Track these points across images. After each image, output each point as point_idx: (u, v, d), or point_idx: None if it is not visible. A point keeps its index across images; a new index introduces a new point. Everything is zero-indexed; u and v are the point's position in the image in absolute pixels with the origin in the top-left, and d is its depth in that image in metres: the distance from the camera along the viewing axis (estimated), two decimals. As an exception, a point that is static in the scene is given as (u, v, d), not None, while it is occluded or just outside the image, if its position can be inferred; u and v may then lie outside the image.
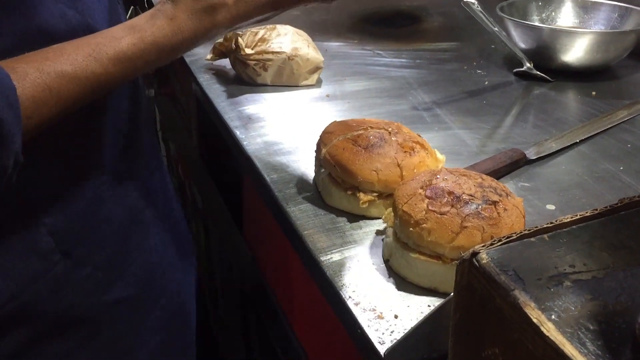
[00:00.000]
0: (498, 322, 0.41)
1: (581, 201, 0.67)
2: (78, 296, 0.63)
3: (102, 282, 0.64)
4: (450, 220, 0.53)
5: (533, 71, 0.98)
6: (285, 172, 0.72)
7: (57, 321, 0.62)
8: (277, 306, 0.78)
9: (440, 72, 1.02)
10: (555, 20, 1.09)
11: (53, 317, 0.62)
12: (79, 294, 0.63)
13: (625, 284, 0.40)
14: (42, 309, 0.61)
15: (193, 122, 1.10)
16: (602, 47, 0.96)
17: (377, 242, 0.61)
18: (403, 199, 0.56)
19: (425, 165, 0.64)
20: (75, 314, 0.63)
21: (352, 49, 1.12)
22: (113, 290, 0.65)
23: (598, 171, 0.73)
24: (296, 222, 0.64)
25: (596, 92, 0.94)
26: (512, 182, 0.71)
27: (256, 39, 0.92)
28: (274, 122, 0.84)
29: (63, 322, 0.62)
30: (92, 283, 0.63)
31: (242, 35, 0.92)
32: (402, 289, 0.55)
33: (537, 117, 0.88)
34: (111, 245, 0.65)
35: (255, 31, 0.93)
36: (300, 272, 0.65)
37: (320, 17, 1.28)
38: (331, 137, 0.66)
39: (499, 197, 0.55)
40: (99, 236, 0.63)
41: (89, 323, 0.64)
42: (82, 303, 0.63)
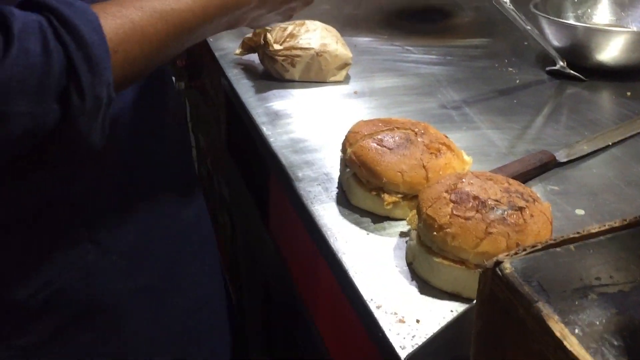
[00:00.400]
0: (520, 333, 0.40)
1: (611, 206, 0.66)
2: (105, 283, 0.64)
3: (125, 270, 0.66)
4: (474, 226, 0.52)
5: (566, 70, 0.96)
6: (310, 170, 0.72)
7: (85, 308, 0.64)
8: (300, 302, 0.78)
9: (471, 70, 1.00)
10: (591, 17, 1.07)
11: (82, 304, 0.63)
12: (106, 282, 0.64)
13: (653, 299, 0.39)
14: (72, 296, 0.63)
15: (222, 116, 1.11)
16: (638, 46, 0.93)
17: (400, 244, 0.61)
18: (427, 202, 0.55)
19: (451, 167, 0.64)
20: (102, 301, 0.65)
21: (382, 44, 1.11)
22: (135, 278, 0.67)
23: (630, 175, 0.71)
24: (320, 222, 0.64)
25: (631, 93, 0.92)
26: (540, 185, 0.70)
27: (285, 35, 0.92)
28: (301, 118, 0.84)
29: (91, 310, 0.64)
30: (117, 270, 0.65)
31: (271, 30, 0.92)
32: (425, 293, 0.54)
33: (569, 117, 0.86)
34: (134, 233, 0.66)
35: (284, 27, 0.93)
36: (323, 270, 0.65)
37: (350, 12, 1.27)
38: (357, 136, 0.66)
39: (526, 202, 0.54)
40: (123, 225, 0.65)
41: (115, 310, 0.66)
42: (108, 290, 0.65)
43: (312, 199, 0.67)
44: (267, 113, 0.85)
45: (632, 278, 0.41)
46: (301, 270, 0.79)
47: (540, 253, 0.43)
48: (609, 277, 0.41)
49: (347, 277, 0.56)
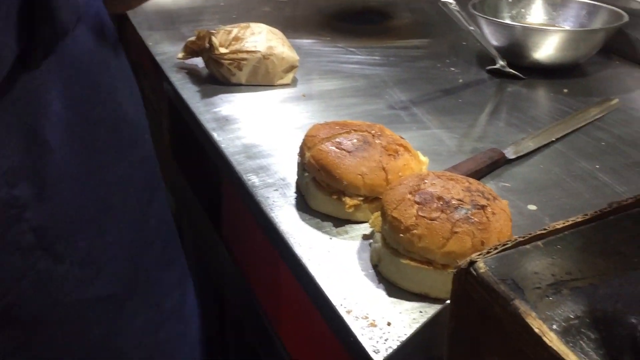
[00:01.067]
0: (497, 332, 0.41)
1: (561, 200, 0.68)
2: (60, 294, 0.61)
3: (82, 279, 0.63)
4: (440, 226, 0.53)
5: (506, 69, 0.99)
6: (266, 175, 0.71)
7: (42, 321, 0.61)
8: (261, 312, 0.77)
9: (414, 70, 1.02)
10: (525, 17, 1.10)
11: (38, 317, 0.60)
12: (61, 292, 0.61)
13: (622, 291, 0.41)
14: (27, 309, 0.59)
15: (165, 123, 1.08)
16: (572, 44, 0.97)
17: (364, 247, 0.61)
18: (392, 204, 0.55)
19: (409, 168, 0.64)
20: (59, 312, 0.61)
21: (325, 46, 1.11)
22: (94, 287, 0.64)
23: (575, 170, 0.74)
24: (281, 228, 0.63)
25: (567, 89, 0.96)
26: (492, 182, 0.72)
27: (230, 38, 0.91)
28: (251, 123, 0.83)
29: (49, 322, 0.61)
30: (71, 280, 0.62)
31: (215, 33, 0.90)
32: (393, 295, 0.54)
33: (511, 115, 0.89)
34: (87, 240, 0.63)
35: (228, 30, 0.92)
36: (286, 278, 0.64)
37: (290, 14, 1.27)
38: (315, 140, 0.66)
39: (487, 201, 0.55)
40: (76, 231, 0.62)
41: (74, 321, 0.63)
42: (65, 301, 0.61)
43: (271, 205, 0.66)
44: (215, 118, 0.83)
45: (599, 271, 0.42)
46: (260, 279, 0.78)
47: (511, 251, 0.44)
48: (578, 271, 0.42)
49: (313, 283, 0.56)
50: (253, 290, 0.80)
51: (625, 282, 0.41)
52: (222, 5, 1.28)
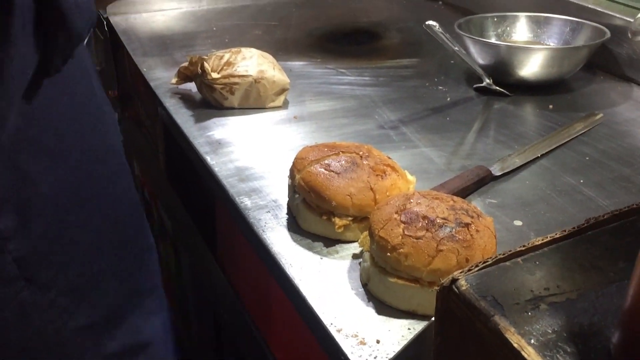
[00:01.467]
0: (479, 347, 0.43)
1: (546, 216, 0.70)
2: (43, 322, 0.62)
3: (67, 308, 0.64)
4: (426, 244, 0.54)
5: (492, 86, 1.01)
6: (258, 198, 0.73)
7: (24, 351, 0.61)
8: (255, 331, 0.78)
9: (403, 90, 1.04)
10: (511, 35, 1.13)
11: (18, 346, 0.61)
12: (44, 321, 0.62)
13: (597, 304, 0.42)
14: (9, 339, 0.60)
15: (160, 146, 1.10)
16: (556, 62, 0.99)
17: (354, 266, 0.62)
18: (379, 224, 0.57)
19: (397, 187, 0.66)
20: (41, 341, 0.62)
21: (316, 67, 1.13)
22: (78, 316, 0.65)
23: (560, 185, 0.76)
24: (273, 249, 0.64)
25: (553, 105, 0.98)
26: (479, 199, 0.74)
27: (222, 63, 0.93)
28: (244, 146, 0.85)
29: (30, 353, 0.62)
30: (57, 309, 0.63)
31: (207, 59, 0.93)
32: (382, 313, 0.56)
33: (498, 132, 0.91)
34: (75, 269, 0.64)
35: (220, 55, 0.94)
36: (278, 298, 0.66)
37: (281, 36, 1.29)
38: (304, 162, 0.67)
39: (471, 218, 0.57)
40: (62, 261, 0.63)
41: (54, 350, 0.64)
42: (47, 330, 0.63)
43: (263, 226, 0.68)
44: (209, 142, 0.85)
45: (577, 286, 0.44)
46: (253, 298, 0.80)
47: (492, 268, 0.45)
48: (556, 286, 0.44)
49: (305, 303, 0.57)
50: (247, 309, 0.82)
51: (602, 296, 0.43)
52: (214, 30, 1.31)
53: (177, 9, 1.41)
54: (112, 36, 1.29)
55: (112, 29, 1.28)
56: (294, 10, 1.46)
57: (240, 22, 1.36)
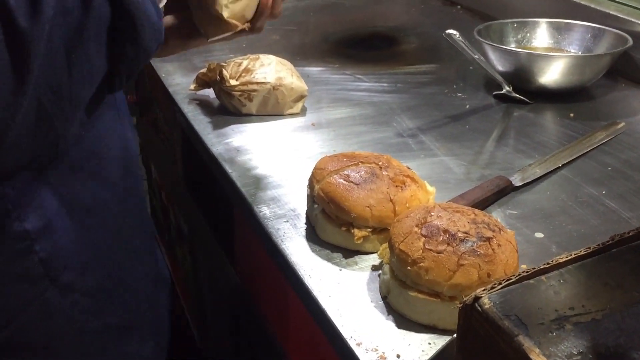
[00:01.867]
0: (503, 366, 0.42)
1: (567, 228, 0.69)
2: (67, 323, 0.63)
3: (91, 309, 0.64)
4: (447, 259, 0.54)
5: (512, 94, 1.00)
6: (277, 207, 0.73)
7: (45, 350, 0.62)
8: (273, 340, 0.78)
9: (422, 97, 1.04)
10: (531, 41, 1.12)
11: (42, 345, 0.62)
12: (68, 321, 0.63)
13: (623, 325, 0.42)
14: (31, 338, 0.61)
15: (177, 152, 1.10)
16: (577, 69, 0.98)
17: (373, 278, 0.62)
18: (399, 237, 0.57)
19: (417, 198, 0.66)
20: (63, 340, 0.63)
21: (333, 74, 1.13)
22: (103, 316, 0.65)
23: (582, 196, 0.75)
24: (292, 260, 0.64)
25: (574, 114, 0.97)
26: (500, 210, 0.73)
27: (240, 70, 0.93)
28: (262, 153, 0.85)
29: (52, 351, 0.62)
30: (79, 310, 0.63)
31: (226, 66, 0.93)
32: (402, 327, 0.55)
33: (518, 140, 0.90)
34: (100, 270, 0.65)
35: (239, 62, 0.94)
36: (297, 308, 0.66)
37: (299, 41, 1.29)
38: (323, 173, 0.67)
39: (492, 232, 0.56)
40: (87, 262, 0.63)
41: (77, 350, 0.64)
42: (70, 329, 0.63)
43: (282, 236, 0.68)
44: (227, 149, 0.85)
45: (602, 305, 0.43)
46: (272, 307, 0.79)
47: (515, 286, 0.45)
48: (581, 306, 0.43)
49: (324, 315, 0.57)
50: (265, 317, 0.81)
51: (628, 317, 0.42)
52: (232, 34, 1.31)
53: (195, 14, 1.42)
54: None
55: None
56: (311, 14, 1.46)
57: (258, 27, 1.36)
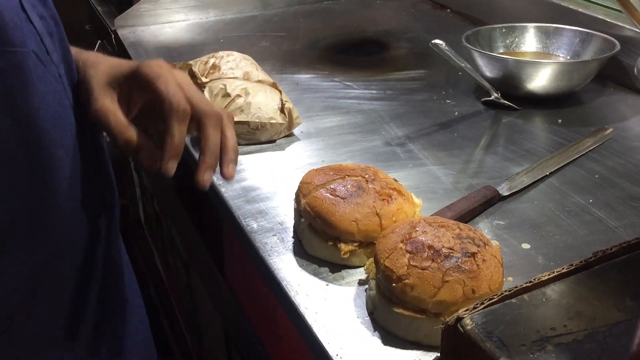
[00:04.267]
0: (485, 387, 0.42)
1: (555, 238, 0.69)
2: None
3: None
4: (431, 275, 0.54)
5: (500, 100, 1.00)
6: (264, 220, 0.73)
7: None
8: (263, 353, 0.78)
9: (411, 104, 1.04)
10: (520, 46, 1.12)
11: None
12: None
13: (605, 345, 0.42)
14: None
15: (167, 162, 1.10)
16: (565, 75, 0.98)
17: (360, 293, 0.62)
18: (384, 253, 0.57)
19: (403, 212, 0.66)
20: None
21: (322, 80, 1.13)
22: None
23: (569, 205, 0.75)
24: (279, 275, 0.64)
25: (562, 119, 0.97)
26: (487, 220, 0.73)
27: (208, 67, 0.94)
28: (251, 165, 0.84)
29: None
30: None
31: (193, 65, 0.94)
32: (388, 344, 0.56)
33: (506, 148, 0.90)
34: None
35: (205, 60, 0.96)
36: (285, 322, 0.66)
37: (289, 48, 1.29)
38: (310, 187, 0.67)
39: (477, 247, 0.56)
40: None
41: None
42: None
43: (269, 250, 0.68)
44: (215, 161, 0.85)
45: (584, 326, 0.43)
46: (261, 319, 0.80)
47: (497, 306, 0.45)
48: (562, 326, 0.43)
49: (310, 332, 0.57)
50: (254, 329, 0.82)
51: (609, 337, 0.42)
52: (221, 41, 1.31)
53: (184, 21, 1.42)
54: (120, 49, 1.29)
55: (120, 42, 1.29)
56: (301, 20, 1.46)
57: (248, 34, 1.37)
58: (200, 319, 1.18)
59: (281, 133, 0.91)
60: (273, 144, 0.90)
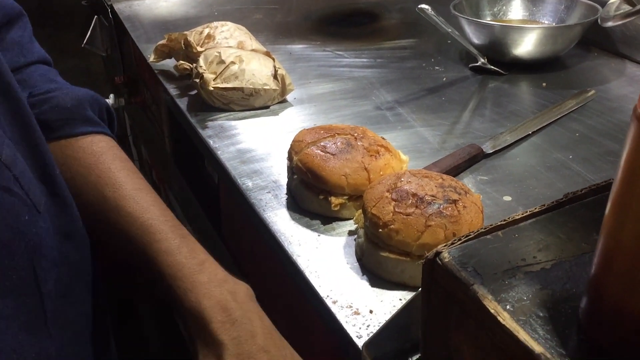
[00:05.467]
0: (461, 313, 0.46)
1: (535, 191, 0.73)
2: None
3: None
4: (415, 220, 0.58)
5: (487, 66, 1.03)
6: (259, 179, 0.76)
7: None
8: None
9: (401, 71, 1.07)
10: (507, 13, 1.15)
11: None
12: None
13: (571, 273, 0.45)
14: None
15: (166, 130, 1.13)
16: (550, 40, 1.01)
17: (349, 242, 0.66)
18: (371, 202, 0.60)
19: (390, 167, 0.69)
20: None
21: (315, 50, 1.16)
22: None
23: (550, 161, 0.79)
24: (273, 228, 0.68)
25: (546, 83, 1.00)
26: (471, 176, 0.77)
27: (202, 37, 0.97)
28: (245, 129, 0.88)
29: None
30: None
31: (188, 35, 0.97)
32: (375, 286, 0.59)
33: (492, 110, 0.94)
34: None
35: (199, 30, 0.99)
36: (279, 272, 0.69)
37: (282, 19, 1.31)
38: (301, 145, 0.71)
39: (459, 195, 0.60)
40: None
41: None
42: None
43: (264, 206, 0.71)
44: (212, 126, 0.88)
45: (552, 257, 0.47)
46: (256, 274, 0.83)
47: (473, 241, 0.49)
48: (532, 257, 0.47)
49: (303, 277, 0.61)
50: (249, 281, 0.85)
51: (575, 265, 0.46)
52: (216, 14, 1.33)
53: (179, -5, 1.44)
54: (117, 23, 1.32)
55: (117, 16, 1.31)
56: (294, -8, 1.48)
57: (242, 6, 1.39)
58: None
59: (274, 99, 0.94)
60: (267, 109, 0.94)
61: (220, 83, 0.89)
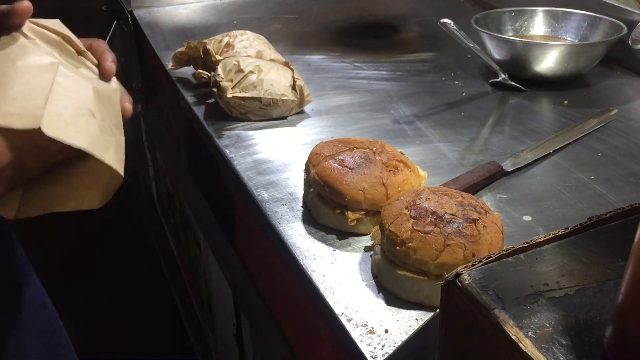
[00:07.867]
0: (480, 338, 0.45)
1: (555, 211, 0.72)
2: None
3: None
4: (434, 239, 0.56)
5: (508, 82, 1.02)
6: (275, 191, 0.76)
7: None
8: (271, 319, 0.81)
9: (420, 84, 1.06)
10: (529, 29, 1.14)
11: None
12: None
13: (595, 300, 0.44)
14: None
15: (182, 138, 1.13)
16: (572, 57, 1.00)
17: (365, 258, 0.65)
18: (389, 219, 0.59)
19: (408, 183, 0.68)
20: None
21: (334, 61, 1.15)
22: None
23: (571, 181, 0.77)
24: (288, 241, 0.67)
25: (568, 101, 0.99)
26: (490, 194, 0.75)
27: (222, 46, 0.97)
28: (262, 139, 0.87)
29: None
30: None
31: (207, 43, 0.97)
32: (391, 304, 0.58)
33: (512, 127, 0.92)
34: None
35: (219, 39, 0.98)
36: (294, 287, 0.69)
37: (300, 30, 1.31)
38: (319, 158, 0.70)
39: (479, 214, 0.59)
40: None
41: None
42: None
43: (279, 219, 0.71)
44: (228, 136, 0.88)
45: (575, 282, 0.46)
46: (270, 287, 0.82)
47: (494, 263, 0.47)
48: (555, 282, 0.46)
49: (318, 293, 0.60)
50: (264, 297, 0.84)
51: (599, 292, 0.45)
52: (235, 23, 1.33)
53: (198, 2, 1.44)
54: (136, 29, 1.32)
55: (136, 22, 1.32)
56: (313, 3, 1.48)
57: (261, 15, 1.39)
58: (209, 287, 1.21)
59: (292, 110, 0.94)
60: (284, 120, 0.93)
61: (238, 92, 0.89)
